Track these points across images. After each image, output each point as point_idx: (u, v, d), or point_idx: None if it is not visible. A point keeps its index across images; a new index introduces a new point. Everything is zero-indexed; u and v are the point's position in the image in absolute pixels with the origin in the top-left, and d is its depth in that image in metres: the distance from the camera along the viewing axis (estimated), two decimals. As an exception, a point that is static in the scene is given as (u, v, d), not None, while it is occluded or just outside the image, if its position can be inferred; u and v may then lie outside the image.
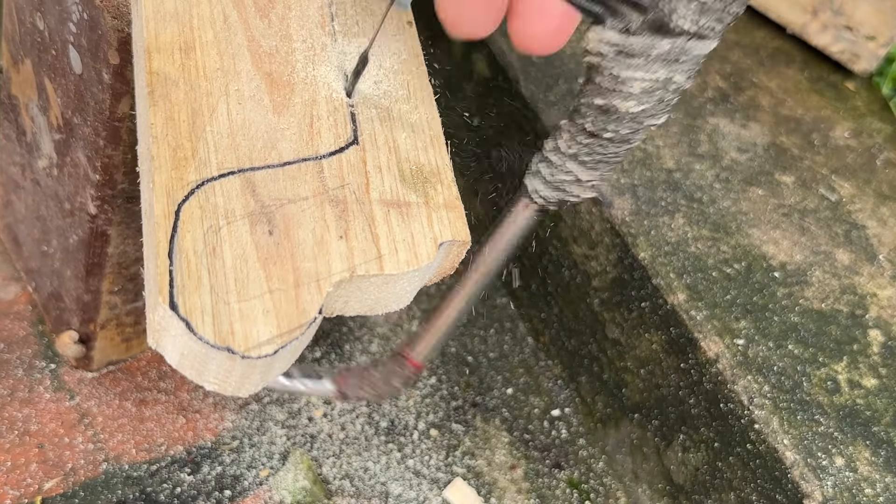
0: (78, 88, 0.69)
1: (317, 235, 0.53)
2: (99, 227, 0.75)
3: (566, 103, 1.02)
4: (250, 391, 0.51)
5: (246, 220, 0.51)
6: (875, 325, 0.90)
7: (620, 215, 0.93)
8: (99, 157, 0.70)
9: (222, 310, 0.48)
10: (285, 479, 0.88)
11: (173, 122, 0.53)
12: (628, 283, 0.92)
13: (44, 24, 0.71)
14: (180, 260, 0.48)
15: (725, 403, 0.83)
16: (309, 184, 0.54)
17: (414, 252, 0.55)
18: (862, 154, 1.12)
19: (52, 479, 0.83)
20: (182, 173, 0.51)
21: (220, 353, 0.47)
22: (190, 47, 0.56)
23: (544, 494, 0.96)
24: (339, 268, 0.52)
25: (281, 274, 0.50)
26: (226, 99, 0.55)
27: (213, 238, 0.50)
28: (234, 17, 0.58)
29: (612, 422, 0.98)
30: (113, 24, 0.62)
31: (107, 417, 0.88)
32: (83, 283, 0.80)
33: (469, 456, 0.97)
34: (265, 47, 0.59)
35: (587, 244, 0.97)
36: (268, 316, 0.49)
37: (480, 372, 1.05)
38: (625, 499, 0.97)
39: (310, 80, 0.59)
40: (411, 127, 0.60)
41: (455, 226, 0.58)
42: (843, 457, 0.79)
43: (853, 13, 1.20)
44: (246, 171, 0.53)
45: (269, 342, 0.48)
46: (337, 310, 0.55)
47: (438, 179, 0.59)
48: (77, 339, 0.86)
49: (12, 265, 0.97)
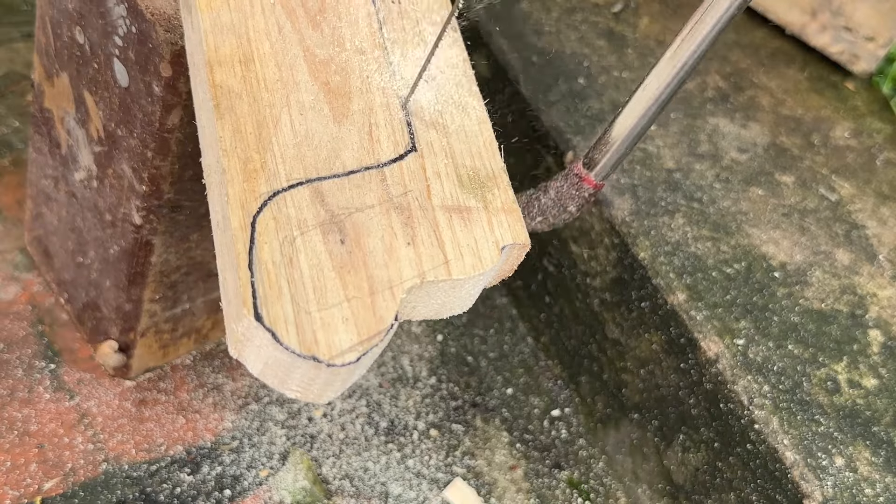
0: (124, 101, 0.69)
1: (386, 243, 0.54)
2: (143, 238, 0.76)
3: (566, 103, 1.02)
4: (330, 398, 0.52)
5: (318, 229, 0.52)
6: (875, 325, 0.90)
7: (620, 215, 0.93)
8: (146, 169, 0.70)
9: (304, 319, 0.49)
10: (285, 480, 0.88)
11: (241, 134, 0.54)
12: (628, 283, 0.92)
13: (84, 38, 0.71)
14: (260, 271, 0.49)
15: (725, 403, 0.83)
16: (374, 192, 0.55)
17: (478, 256, 0.56)
18: (862, 154, 1.12)
19: (51, 479, 0.83)
20: (253, 185, 0.52)
21: (305, 361, 0.48)
22: (249, 59, 0.56)
23: (544, 494, 0.96)
24: (409, 274, 0.53)
25: (356, 282, 0.51)
26: (288, 110, 0.56)
27: (289, 248, 0.51)
28: (288, 27, 0.59)
29: (612, 422, 0.98)
30: (166, 37, 0.62)
31: (106, 417, 0.88)
32: (124, 293, 0.81)
33: (469, 456, 0.97)
34: (320, 56, 0.59)
35: (587, 244, 0.97)
36: (347, 324, 0.50)
37: (480, 372, 1.05)
38: (625, 499, 0.97)
39: (364, 87, 0.60)
40: (464, 132, 0.61)
41: (514, 229, 0.59)
42: (843, 457, 0.79)
43: (852, 14, 1.20)
44: (313, 181, 0.54)
45: (352, 350, 0.49)
46: (405, 315, 0.55)
47: (495, 183, 0.60)
48: (117, 348, 0.87)
49: (12, 265, 0.97)
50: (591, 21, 1.16)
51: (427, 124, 0.60)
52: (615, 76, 1.08)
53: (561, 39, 1.11)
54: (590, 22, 1.16)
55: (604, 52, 1.12)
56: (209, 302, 0.89)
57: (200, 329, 0.93)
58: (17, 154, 1.07)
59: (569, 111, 1.01)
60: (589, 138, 0.98)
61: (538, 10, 1.14)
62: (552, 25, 1.13)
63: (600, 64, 1.09)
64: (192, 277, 0.84)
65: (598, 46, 1.12)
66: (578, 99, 1.03)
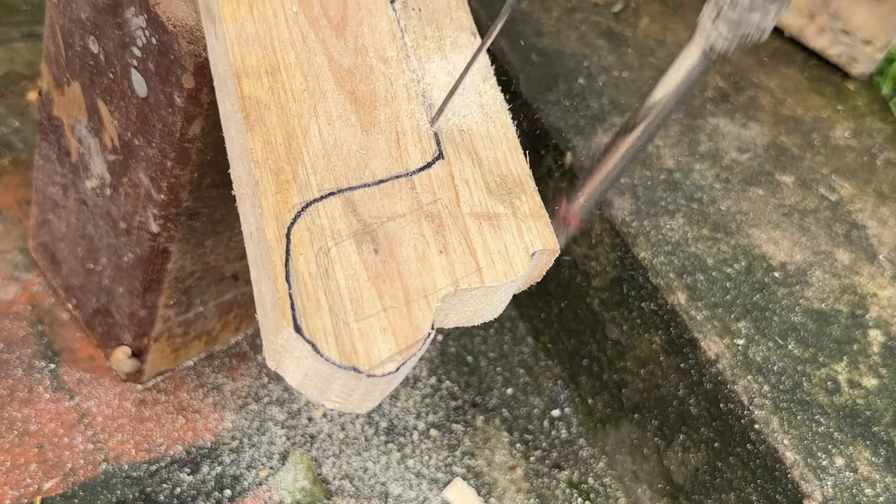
0: (142, 111, 0.69)
1: (418, 251, 0.54)
2: (161, 245, 0.76)
3: (566, 103, 1.02)
4: (369, 407, 0.52)
5: (351, 239, 0.52)
6: (875, 325, 0.90)
7: (620, 215, 0.93)
8: (165, 178, 0.70)
9: (343, 330, 0.49)
10: (285, 480, 0.88)
11: (271, 145, 0.54)
12: (628, 283, 0.92)
13: (98, 48, 0.70)
14: (297, 283, 0.49)
15: (725, 403, 0.83)
16: (404, 200, 0.56)
17: (510, 263, 0.56)
18: (862, 154, 1.12)
19: (51, 479, 0.83)
20: (286, 196, 0.52)
21: (346, 372, 0.48)
22: (275, 70, 0.56)
23: (544, 494, 0.96)
24: (443, 282, 0.53)
25: (391, 291, 0.51)
26: (316, 120, 0.56)
27: (325, 259, 0.51)
28: (312, 37, 0.59)
29: (612, 422, 0.98)
30: (189, 49, 0.61)
31: (106, 417, 0.88)
32: (139, 299, 0.81)
33: (469, 456, 0.97)
34: (345, 65, 0.59)
35: (587, 244, 0.97)
36: (385, 333, 0.50)
37: (480, 372, 1.05)
38: (625, 499, 0.97)
39: (390, 96, 0.60)
40: (489, 138, 0.61)
41: (543, 235, 0.59)
42: (843, 457, 0.79)
43: (850, 17, 1.20)
44: (344, 190, 0.54)
45: (391, 360, 0.49)
46: (438, 322, 0.56)
47: (522, 189, 0.60)
48: (130, 353, 0.87)
49: (12, 265, 0.97)
50: (591, 21, 1.16)
51: (452, 131, 0.61)
52: (615, 76, 1.08)
53: (561, 39, 1.11)
54: (590, 22, 1.16)
55: (604, 52, 1.12)
56: (220, 304, 0.90)
57: (211, 331, 0.93)
58: (16, 154, 1.07)
59: (569, 111, 1.01)
60: (589, 138, 0.98)
61: (538, 10, 1.14)
62: (552, 25, 1.13)
63: (600, 64, 1.09)
64: (205, 282, 0.84)
65: (598, 46, 1.12)
66: (578, 99, 1.03)
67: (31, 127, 1.10)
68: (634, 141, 0.59)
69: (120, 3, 0.66)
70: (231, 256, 0.84)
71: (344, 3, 0.62)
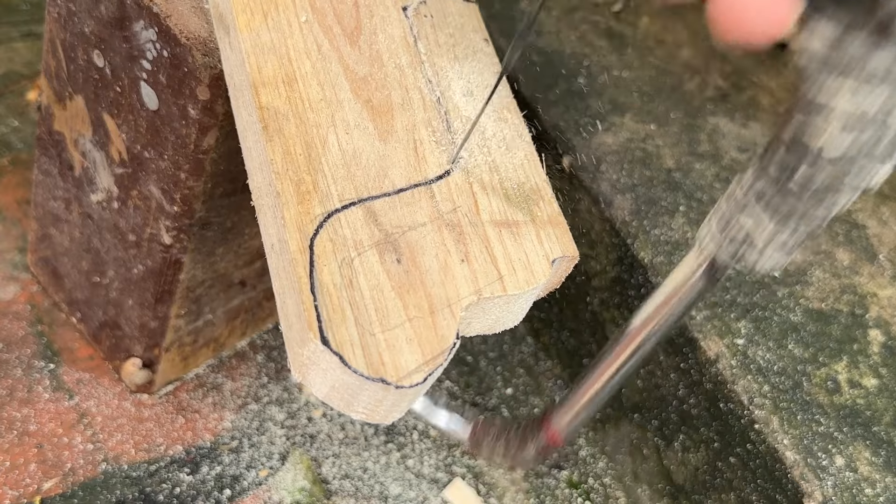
0: (152, 124, 0.68)
1: (440, 260, 0.54)
2: (173, 256, 0.75)
3: (566, 103, 1.02)
4: (395, 418, 0.52)
5: (374, 249, 0.52)
6: (875, 325, 0.90)
7: (620, 215, 0.92)
8: (178, 190, 0.70)
9: (369, 341, 0.49)
10: (284, 480, 0.88)
11: (291, 156, 0.53)
12: (628, 283, 0.92)
13: (104, 62, 0.70)
14: (322, 294, 0.49)
15: (725, 403, 0.83)
16: (424, 209, 0.55)
17: (531, 270, 0.56)
18: (862, 154, 1.12)
19: (50, 479, 0.83)
20: (308, 207, 0.52)
21: (373, 384, 0.48)
22: (292, 79, 0.56)
23: (544, 494, 0.96)
24: (466, 291, 0.53)
25: (416, 301, 0.51)
26: (334, 129, 0.56)
27: (348, 270, 0.51)
28: (327, 45, 0.59)
29: (612, 422, 0.98)
30: (203, 61, 0.61)
31: (106, 417, 0.88)
32: (150, 311, 0.81)
33: (469, 456, 0.97)
34: (360, 74, 0.59)
35: (587, 244, 0.97)
36: (411, 344, 0.50)
37: (480, 372, 1.05)
38: (625, 499, 0.97)
39: (406, 104, 0.60)
40: (506, 145, 0.61)
41: (563, 241, 0.59)
42: (843, 457, 0.79)
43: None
44: (365, 200, 0.54)
45: (418, 370, 0.49)
46: (461, 331, 0.55)
47: (539, 196, 0.60)
48: (141, 365, 0.87)
49: (11, 265, 0.97)
50: (591, 20, 1.16)
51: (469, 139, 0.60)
52: (615, 76, 1.08)
53: (561, 39, 1.11)
54: (590, 21, 1.16)
55: (604, 51, 1.11)
56: (228, 311, 0.89)
57: (219, 338, 0.93)
58: (16, 154, 1.07)
59: (569, 111, 1.01)
60: (589, 138, 0.98)
61: (538, 9, 1.14)
62: (552, 25, 1.13)
63: (600, 63, 1.09)
64: (215, 289, 0.84)
65: (598, 46, 1.12)
66: (578, 98, 1.03)
67: (30, 127, 1.10)
68: (621, 364, 0.58)
69: (127, 16, 0.65)
70: (240, 263, 0.84)
71: (357, 11, 0.61)
